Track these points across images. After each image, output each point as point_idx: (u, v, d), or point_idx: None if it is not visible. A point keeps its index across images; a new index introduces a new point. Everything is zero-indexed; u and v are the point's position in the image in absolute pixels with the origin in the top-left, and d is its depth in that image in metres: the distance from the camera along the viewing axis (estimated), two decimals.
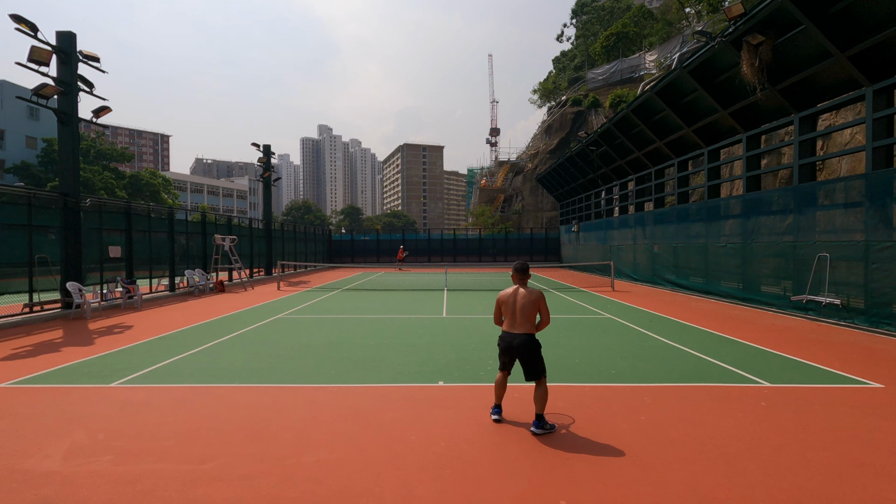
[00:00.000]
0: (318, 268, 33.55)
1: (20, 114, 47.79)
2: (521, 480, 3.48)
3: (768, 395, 5.40)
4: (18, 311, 11.11)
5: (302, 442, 4.16)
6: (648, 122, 17.30)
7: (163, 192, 52.87)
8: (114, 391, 5.66)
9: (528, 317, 4.49)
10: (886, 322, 8.87)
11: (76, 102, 12.77)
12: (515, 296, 4.57)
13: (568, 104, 47.49)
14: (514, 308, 4.52)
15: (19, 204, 11.23)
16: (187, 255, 18.65)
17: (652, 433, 4.32)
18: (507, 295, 4.62)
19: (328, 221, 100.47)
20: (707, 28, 31.27)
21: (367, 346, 8.09)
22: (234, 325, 10.14)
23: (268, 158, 25.80)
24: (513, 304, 4.55)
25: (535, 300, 4.48)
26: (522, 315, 4.48)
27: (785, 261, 11.45)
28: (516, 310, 4.51)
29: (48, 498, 3.26)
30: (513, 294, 4.59)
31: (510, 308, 4.55)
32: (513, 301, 4.56)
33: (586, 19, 60.89)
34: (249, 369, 6.60)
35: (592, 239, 26.94)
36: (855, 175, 9.79)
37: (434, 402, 5.24)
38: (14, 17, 11.11)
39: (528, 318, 4.49)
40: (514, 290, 4.62)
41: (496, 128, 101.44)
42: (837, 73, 9.97)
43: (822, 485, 3.40)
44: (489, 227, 51.05)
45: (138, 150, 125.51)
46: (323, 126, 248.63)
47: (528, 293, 4.52)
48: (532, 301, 4.47)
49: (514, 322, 4.51)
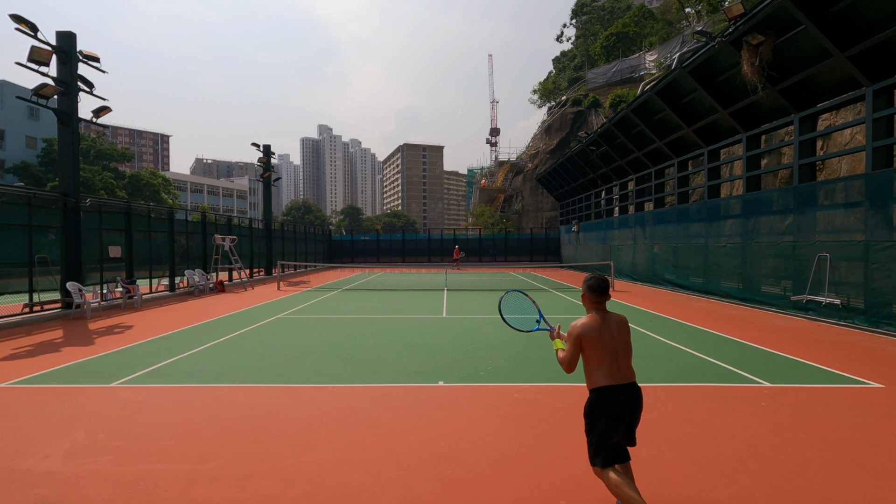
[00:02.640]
0: (318, 268, 33.55)
1: (20, 114, 47.79)
2: (521, 480, 3.48)
3: (768, 395, 5.40)
4: (18, 311, 11.11)
5: (302, 442, 4.16)
6: (648, 122, 17.30)
7: (163, 192, 52.88)
8: (114, 391, 5.66)
9: (631, 355, 3.04)
10: (886, 322, 8.87)
11: (76, 102, 12.77)
12: (609, 327, 2.97)
13: (568, 104, 47.48)
14: (615, 345, 2.95)
15: (19, 204, 11.23)
16: (187, 255, 18.65)
17: (652, 433, 4.31)
18: (594, 328, 2.94)
19: (328, 221, 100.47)
20: (707, 28, 31.26)
21: (368, 346, 8.08)
22: (234, 325, 10.14)
23: (268, 158, 25.80)
24: (611, 340, 2.94)
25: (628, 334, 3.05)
26: (625, 353, 2.98)
27: (785, 261, 11.45)
28: (617, 348, 2.95)
29: (48, 498, 3.26)
30: (604, 325, 2.96)
31: (607, 346, 2.93)
32: (608, 335, 2.95)
33: (586, 19, 60.89)
34: (249, 369, 6.60)
35: (592, 239, 26.93)
36: (855, 175, 9.79)
37: (434, 402, 5.23)
38: (14, 17, 11.11)
39: (631, 356, 3.04)
40: (599, 319, 2.98)
41: (496, 128, 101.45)
42: (837, 73, 9.97)
43: (822, 485, 3.40)
44: (489, 227, 51.06)
45: (138, 150, 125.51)
46: (323, 126, 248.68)
47: (623, 321, 3.05)
48: (628, 332, 3.04)
49: (618, 366, 2.93)
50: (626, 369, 2.96)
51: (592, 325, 2.95)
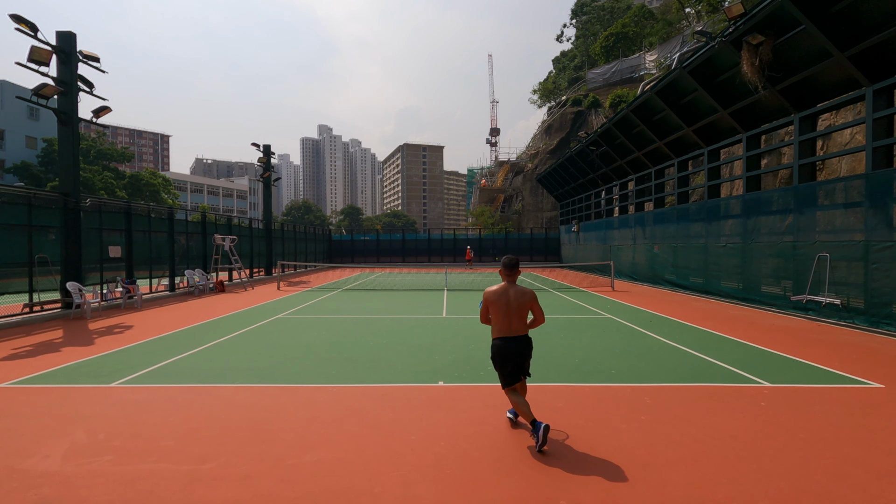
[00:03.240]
0: (318, 268, 33.55)
1: (20, 114, 47.78)
2: (521, 480, 3.48)
3: (768, 395, 5.40)
4: (18, 311, 11.11)
5: (302, 442, 4.16)
6: (648, 122, 17.29)
7: (163, 192, 52.88)
8: (114, 391, 5.66)
9: (524, 317, 4.21)
10: (886, 322, 8.87)
11: (76, 102, 12.77)
12: (507, 295, 4.16)
13: (568, 104, 47.48)
14: (509, 308, 4.13)
15: (19, 204, 11.23)
16: (187, 255, 18.65)
17: (652, 433, 4.31)
18: (496, 294, 4.17)
19: (328, 221, 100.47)
20: (707, 28, 31.26)
21: (368, 346, 8.08)
22: (234, 325, 10.14)
23: (268, 158, 25.80)
24: (506, 304, 4.13)
25: (529, 301, 4.20)
26: (518, 316, 4.15)
27: (785, 261, 11.45)
28: (511, 310, 4.14)
29: (48, 498, 3.26)
30: (504, 293, 4.17)
31: (502, 308, 4.14)
32: (505, 301, 4.14)
33: (586, 19, 60.90)
34: (249, 369, 6.60)
35: (592, 239, 26.93)
36: (855, 175, 9.78)
37: (434, 402, 5.23)
38: (14, 17, 11.11)
39: (524, 318, 4.21)
40: (503, 287, 4.21)
41: (496, 128, 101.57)
42: (837, 73, 9.96)
43: (822, 485, 3.40)
44: (489, 227, 51.06)
45: (138, 150, 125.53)
46: (323, 126, 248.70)
47: (523, 292, 4.20)
48: (526, 302, 4.19)
49: (510, 324, 4.16)
50: (517, 327, 4.16)
51: (496, 292, 4.19)
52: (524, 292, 4.20)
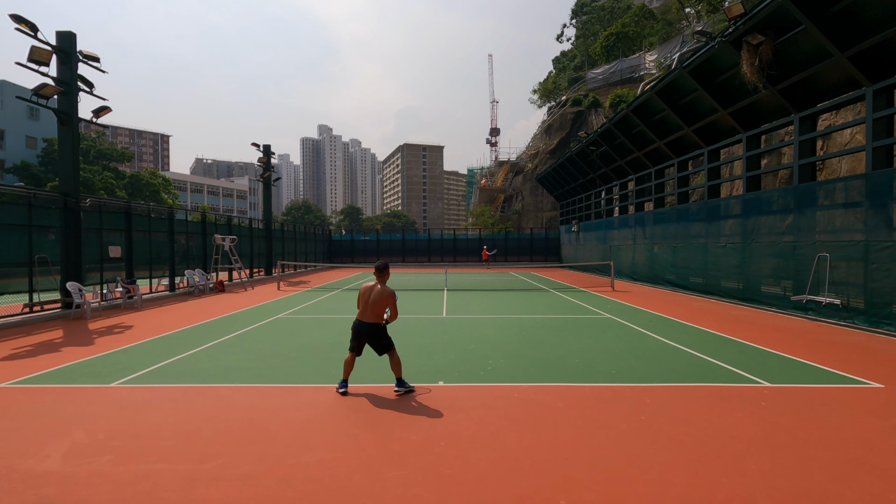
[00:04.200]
0: (318, 268, 33.55)
1: (20, 114, 47.78)
2: (521, 480, 3.48)
3: (768, 395, 5.40)
4: (18, 311, 11.11)
5: (302, 442, 4.16)
6: (648, 122, 17.30)
7: (163, 192, 52.86)
8: (114, 391, 5.66)
9: (377, 311, 5.34)
10: (886, 322, 8.87)
11: (76, 102, 12.77)
12: (372, 291, 5.38)
13: (568, 104, 47.47)
14: (368, 301, 5.36)
15: (19, 204, 11.23)
16: (187, 255, 18.65)
17: (652, 433, 4.31)
18: (366, 289, 5.44)
19: (328, 221, 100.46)
20: (707, 28, 31.28)
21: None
22: (234, 325, 10.14)
23: (268, 158, 25.80)
24: (367, 297, 5.38)
25: (385, 299, 5.33)
26: (372, 309, 5.34)
27: (785, 261, 11.45)
28: (368, 303, 5.35)
29: (48, 498, 3.26)
30: (370, 289, 5.41)
31: (365, 299, 5.39)
32: (368, 295, 5.39)
33: (586, 19, 60.89)
34: (249, 369, 6.60)
35: (592, 239, 26.93)
36: (855, 175, 9.78)
37: (434, 402, 5.23)
38: (14, 17, 11.11)
39: (377, 311, 5.34)
40: (373, 285, 5.45)
41: (496, 128, 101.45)
42: (837, 73, 9.97)
43: (822, 485, 3.40)
44: (489, 227, 51.04)
45: (138, 150, 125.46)
46: (323, 126, 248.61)
47: (382, 291, 5.35)
48: (383, 299, 5.32)
49: (365, 312, 5.37)
50: (370, 315, 5.34)
51: (365, 287, 5.47)
52: (384, 292, 5.37)
